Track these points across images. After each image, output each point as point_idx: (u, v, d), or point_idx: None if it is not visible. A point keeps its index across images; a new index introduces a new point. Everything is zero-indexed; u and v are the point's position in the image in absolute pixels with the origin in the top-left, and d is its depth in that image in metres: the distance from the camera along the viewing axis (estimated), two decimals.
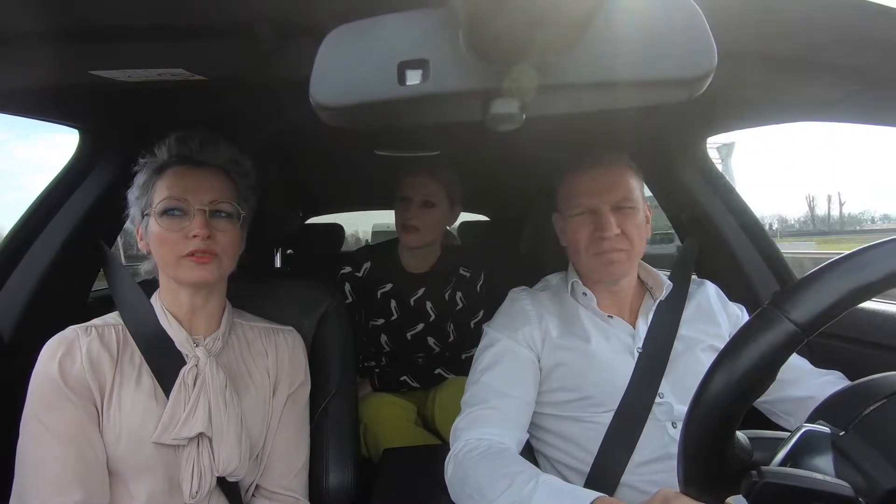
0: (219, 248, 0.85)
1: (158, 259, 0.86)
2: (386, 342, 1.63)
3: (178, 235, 0.83)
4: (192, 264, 0.84)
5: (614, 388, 0.91)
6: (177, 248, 0.83)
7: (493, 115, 0.38)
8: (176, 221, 0.84)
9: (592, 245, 0.94)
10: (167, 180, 0.86)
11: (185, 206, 0.84)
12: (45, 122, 1.06)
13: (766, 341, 0.45)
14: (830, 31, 0.64)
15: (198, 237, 0.83)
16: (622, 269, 0.95)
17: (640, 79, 0.38)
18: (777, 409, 0.97)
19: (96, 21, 0.62)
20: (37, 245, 1.08)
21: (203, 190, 0.86)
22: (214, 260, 0.85)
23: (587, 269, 0.97)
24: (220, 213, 0.87)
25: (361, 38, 0.37)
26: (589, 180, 0.95)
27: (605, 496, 0.67)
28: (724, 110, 1.10)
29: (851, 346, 1.05)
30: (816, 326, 0.45)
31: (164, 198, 0.84)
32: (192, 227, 0.83)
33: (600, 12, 0.35)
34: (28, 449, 0.77)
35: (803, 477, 0.43)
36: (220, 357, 0.90)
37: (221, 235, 0.86)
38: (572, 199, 0.96)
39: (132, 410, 0.81)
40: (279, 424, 0.93)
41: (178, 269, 0.84)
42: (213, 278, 0.86)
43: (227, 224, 0.88)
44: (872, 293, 0.45)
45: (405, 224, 1.52)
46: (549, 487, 0.70)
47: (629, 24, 0.37)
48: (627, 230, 0.93)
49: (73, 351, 0.81)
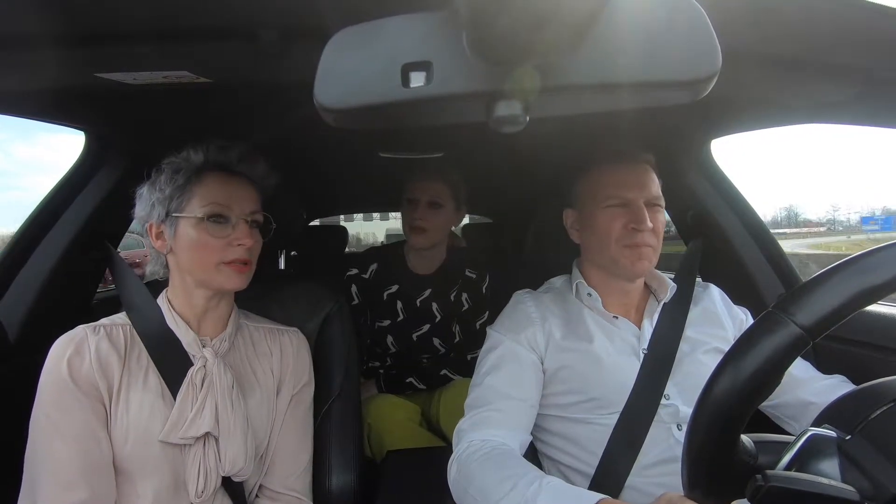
0: (253, 257, 0.89)
1: (191, 262, 0.86)
2: (392, 343, 1.63)
3: (221, 242, 0.85)
4: (232, 272, 0.86)
5: (619, 389, 0.90)
6: (218, 254, 0.85)
7: (496, 117, 0.38)
8: (220, 228, 0.86)
9: (625, 237, 0.93)
10: (208, 186, 0.87)
11: (229, 213, 0.86)
12: (45, 124, 1.07)
13: (771, 344, 0.45)
14: (835, 32, 0.64)
15: (243, 246, 0.85)
16: (649, 265, 0.95)
17: (644, 80, 0.38)
18: (781, 413, 0.96)
19: (102, 24, 0.62)
20: (43, 246, 1.09)
21: (244, 199, 0.88)
22: (250, 268, 0.88)
23: (613, 261, 0.95)
24: (255, 223, 0.90)
25: (365, 40, 0.37)
26: (627, 173, 0.95)
27: (608, 498, 0.67)
28: (728, 112, 1.10)
29: (856, 349, 1.04)
30: (822, 329, 0.44)
31: (209, 203, 0.85)
32: (237, 236, 0.86)
33: (603, 14, 0.35)
34: (37, 447, 0.78)
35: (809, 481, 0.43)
36: (227, 357, 0.90)
37: (255, 245, 0.89)
38: (606, 189, 0.95)
39: (140, 410, 0.82)
40: (283, 425, 0.94)
41: (217, 274, 0.86)
42: (245, 285, 0.89)
43: (258, 235, 0.91)
44: (879, 296, 0.45)
45: (412, 225, 1.53)
46: (552, 489, 0.70)
47: (633, 26, 0.37)
48: (657, 227, 0.93)
49: (82, 350, 0.81)
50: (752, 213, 1.30)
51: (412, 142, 1.54)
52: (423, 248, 1.58)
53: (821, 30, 0.63)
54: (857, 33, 0.64)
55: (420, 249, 1.59)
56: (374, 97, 0.37)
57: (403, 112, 0.40)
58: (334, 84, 0.37)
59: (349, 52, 0.38)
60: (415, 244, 1.56)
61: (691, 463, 0.50)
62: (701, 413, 0.48)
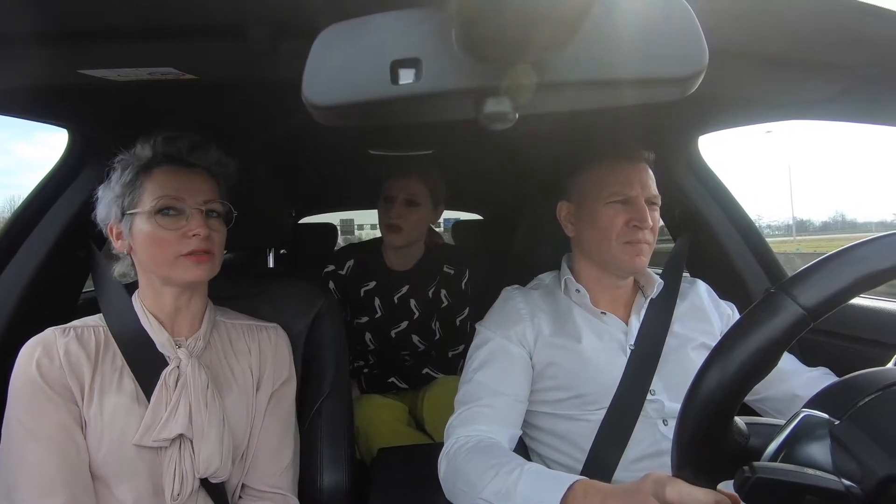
0: (215, 247, 0.86)
1: (149, 259, 0.85)
2: (370, 340, 1.63)
3: (175, 234, 0.83)
4: (190, 264, 0.84)
5: (607, 385, 0.91)
6: (174, 247, 0.83)
7: (486, 113, 0.38)
8: (172, 220, 0.83)
9: (626, 234, 0.94)
10: (158, 179, 0.85)
11: (182, 205, 0.84)
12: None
13: (773, 324, 0.46)
14: (822, 30, 0.64)
15: (198, 236, 0.83)
16: (646, 262, 0.95)
17: (633, 77, 0.38)
18: (768, 406, 0.98)
19: (85, 20, 0.61)
20: (26, 245, 1.07)
21: (196, 190, 0.86)
22: (211, 259, 0.85)
23: (612, 257, 0.96)
24: (212, 212, 0.88)
25: (354, 37, 0.37)
26: (630, 171, 0.96)
27: (586, 479, 0.68)
28: (716, 109, 1.11)
29: (839, 341, 1.06)
30: (823, 312, 0.46)
31: (159, 196, 0.83)
32: (191, 226, 0.83)
33: (593, 11, 0.35)
34: (11, 451, 0.77)
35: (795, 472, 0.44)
36: (203, 357, 0.89)
37: (215, 235, 0.87)
38: (613, 186, 0.95)
39: (114, 413, 0.80)
40: (263, 422, 0.93)
41: (175, 268, 0.84)
42: (208, 277, 0.87)
43: (219, 224, 0.88)
44: (879, 282, 0.47)
45: (388, 223, 1.53)
46: (532, 474, 0.72)
47: (621, 23, 0.37)
48: (654, 225, 0.94)
49: (51, 351, 0.80)
50: (739, 209, 1.31)
51: (402, 139, 1.53)
52: (400, 247, 1.58)
53: (807, 28, 0.64)
54: (842, 32, 0.64)
55: (397, 247, 1.58)
56: (363, 94, 0.37)
57: (392, 109, 0.40)
58: (323, 81, 0.37)
59: (338, 49, 0.37)
60: (391, 242, 1.56)
61: (683, 442, 0.50)
62: (698, 390, 0.48)
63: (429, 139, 1.54)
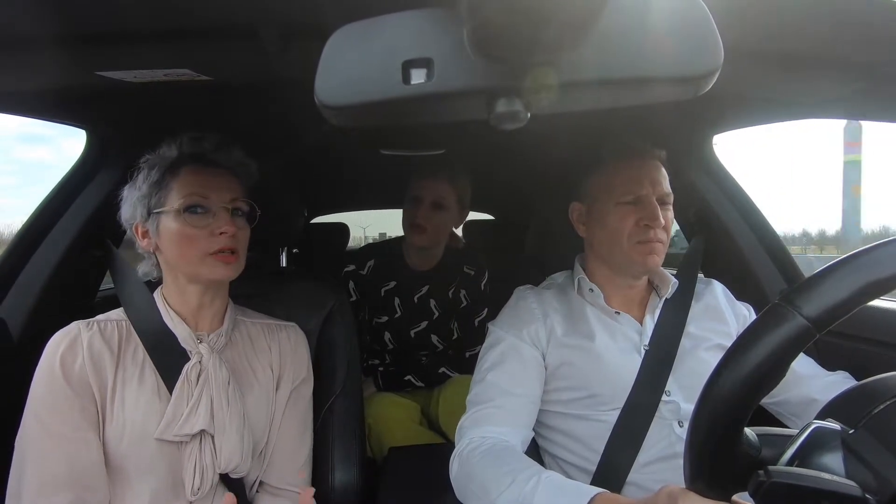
0: (240, 246, 0.88)
1: (177, 257, 0.86)
2: (390, 340, 1.63)
3: (203, 232, 0.84)
4: (217, 262, 0.85)
5: (620, 385, 0.90)
6: (202, 245, 0.84)
7: (497, 113, 0.38)
8: (200, 218, 0.85)
9: (637, 233, 0.93)
10: (184, 178, 0.86)
11: (208, 203, 0.86)
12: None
13: (776, 337, 0.44)
14: (838, 27, 0.63)
15: (225, 234, 0.84)
16: (659, 261, 0.95)
17: (646, 76, 0.38)
18: (785, 410, 0.96)
19: (102, 22, 0.62)
20: (45, 245, 1.09)
21: (222, 189, 0.87)
22: (237, 259, 0.87)
23: (624, 257, 0.95)
24: (237, 211, 0.89)
25: (366, 37, 0.37)
26: (640, 169, 0.95)
27: (606, 492, 0.67)
28: (731, 108, 1.10)
29: (859, 345, 1.04)
30: (828, 322, 0.44)
31: (186, 194, 0.85)
32: (218, 225, 0.85)
33: (605, 10, 0.35)
34: (25, 446, 0.78)
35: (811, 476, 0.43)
36: (224, 354, 0.90)
37: (240, 233, 0.88)
38: (622, 186, 0.94)
39: (135, 407, 0.82)
40: (282, 421, 0.94)
41: (202, 266, 0.85)
42: (234, 276, 0.88)
43: (243, 223, 0.90)
44: (885, 290, 0.44)
45: (413, 223, 1.53)
46: (551, 484, 0.70)
47: (634, 22, 0.37)
48: (667, 224, 0.93)
49: (76, 346, 0.81)
50: (754, 209, 1.29)
51: (413, 139, 1.53)
52: (423, 247, 1.58)
53: (824, 24, 0.63)
54: (859, 29, 0.63)
55: (419, 248, 1.58)
56: (375, 94, 0.37)
57: (404, 109, 0.40)
58: (335, 81, 0.37)
59: (350, 50, 0.37)
60: (415, 242, 1.56)
61: (694, 455, 0.49)
62: (705, 405, 0.47)
63: (441, 139, 1.54)
